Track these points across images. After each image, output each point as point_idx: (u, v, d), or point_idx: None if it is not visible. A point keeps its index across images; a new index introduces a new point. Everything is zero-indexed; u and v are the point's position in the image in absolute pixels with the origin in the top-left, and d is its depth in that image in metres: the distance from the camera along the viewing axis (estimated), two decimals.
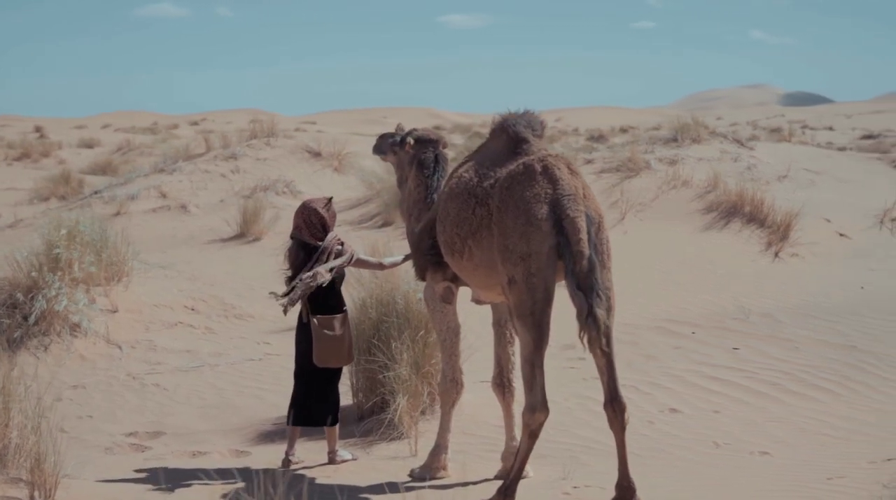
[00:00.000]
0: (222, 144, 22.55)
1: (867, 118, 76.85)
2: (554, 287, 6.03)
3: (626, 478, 6.17)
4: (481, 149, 6.82)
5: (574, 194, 6.02)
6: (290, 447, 7.46)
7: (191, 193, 20.04)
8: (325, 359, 7.27)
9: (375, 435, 8.07)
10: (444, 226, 6.59)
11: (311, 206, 7.51)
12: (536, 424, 6.02)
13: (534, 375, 5.99)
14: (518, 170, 6.18)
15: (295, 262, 7.41)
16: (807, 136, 48.92)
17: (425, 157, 7.57)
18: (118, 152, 42.38)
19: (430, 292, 7.09)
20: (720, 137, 23.01)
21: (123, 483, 6.84)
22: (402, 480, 7.03)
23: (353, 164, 21.54)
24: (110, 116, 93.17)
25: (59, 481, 6.00)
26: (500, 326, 7.12)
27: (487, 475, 7.14)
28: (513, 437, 7.05)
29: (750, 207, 15.85)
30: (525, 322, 5.97)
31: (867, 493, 6.07)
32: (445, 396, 7.08)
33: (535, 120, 6.63)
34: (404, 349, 8.03)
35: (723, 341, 10.95)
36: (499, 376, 7.09)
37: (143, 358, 10.86)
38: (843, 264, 14.76)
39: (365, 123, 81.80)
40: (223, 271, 14.17)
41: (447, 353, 7.08)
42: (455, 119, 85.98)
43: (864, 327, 11.43)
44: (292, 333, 11.79)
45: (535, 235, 5.95)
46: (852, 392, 9.50)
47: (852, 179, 21.63)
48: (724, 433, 8.35)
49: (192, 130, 61.96)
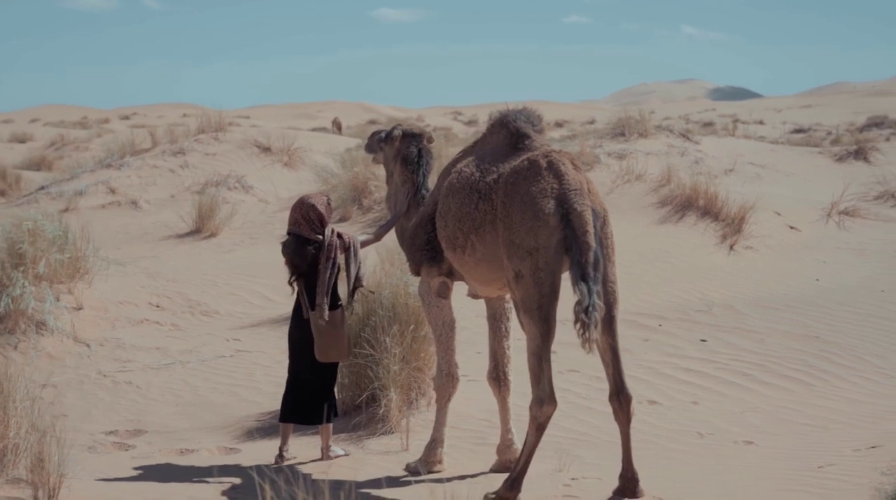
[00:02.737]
0: (169, 138, 22.31)
1: (796, 112, 78.21)
2: (560, 281, 6.09)
3: (630, 469, 6.26)
4: (479, 144, 6.85)
5: (580, 189, 6.09)
6: (284, 443, 7.45)
7: (140, 188, 19.82)
8: (327, 353, 7.26)
9: (365, 430, 8.08)
10: (446, 221, 6.62)
11: (308, 201, 7.49)
12: (545, 417, 6.08)
13: (541, 368, 6.04)
14: (523, 165, 6.23)
15: (300, 259, 7.34)
16: (740, 130, 49.56)
17: (409, 152, 7.59)
18: (52, 147, 41.67)
19: (425, 287, 7.11)
20: (666, 131, 23.31)
21: (124, 483, 6.77)
22: (398, 474, 7.05)
23: (303, 159, 21.44)
24: (38, 110, 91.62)
25: (62, 481, 5.93)
26: (495, 320, 7.16)
27: (481, 468, 7.20)
28: (508, 430, 7.10)
29: (704, 201, 16.07)
30: (532, 316, 6.03)
31: (865, 481, 6.21)
32: (441, 390, 7.11)
33: (534, 115, 6.69)
34: (394, 344, 8.04)
35: (690, 333, 11.12)
36: (494, 370, 7.13)
37: (113, 356, 10.74)
38: (795, 256, 15.04)
39: (299, 117, 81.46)
40: (183, 268, 14.05)
41: (443, 347, 7.11)
42: (389, 113, 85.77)
43: (825, 318, 11.68)
44: (260, 329, 11.90)
45: (542, 229, 6.00)
46: (822, 382, 9.71)
47: (796, 172, 22.05)
48: (705, 424, 8.50)
49: (124, 125, 61.11)
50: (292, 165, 21.21)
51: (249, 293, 12.98)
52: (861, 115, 69.72)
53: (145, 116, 75.21)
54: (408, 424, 7.74)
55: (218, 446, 8.05)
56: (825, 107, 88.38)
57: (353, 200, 17.00)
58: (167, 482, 6.78)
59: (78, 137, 44.24)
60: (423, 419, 8.22)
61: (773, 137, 41.86)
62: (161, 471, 7.16)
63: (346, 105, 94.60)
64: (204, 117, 22.70)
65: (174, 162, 20.91)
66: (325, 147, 23.86)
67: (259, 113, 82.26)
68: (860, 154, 22.90)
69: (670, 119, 61.97)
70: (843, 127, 57.45)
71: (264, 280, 13.40)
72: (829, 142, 39.81)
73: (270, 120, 64.35)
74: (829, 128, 57.51)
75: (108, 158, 21.77)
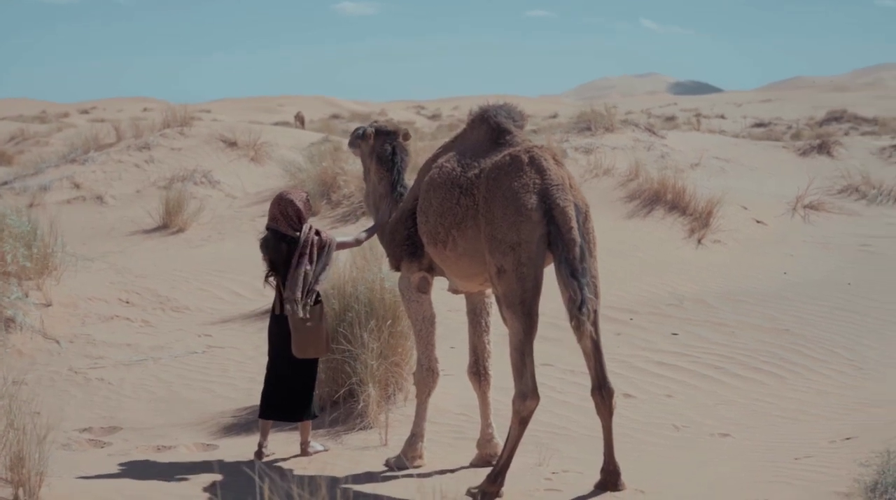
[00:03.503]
0: (134, 133, 22.14)
1: (756, 107, 78.82)
2: (542, 276, 6.12)
3: (612, 462, 6.31)
4: (459, 139, 6.86)
5: (562, 184, 6.12)
6: (263, 438, 7.42)
7: (105, 183, 19.66)
8: (305, 350, 7.23)
9: (343, 425, 8.07)
10: (427, 216, 6.62)
11: (287, 197, 7.46)
12: (527, 411, 6.11)
13: (524, 363, 6.07)
14: (505, 161, 6.25)
15: (275, 255, 7.32)
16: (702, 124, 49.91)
17: (383, 150, 7.60)
18: (12, 142, 41.21)
19: (405, 282, 7.11)
20: (632, 125, 23.46)
21: (104, 480, 6.72)
22: (378, 469, 7.05)
23: (269, 153, 21.35)
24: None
25: (42, 479, 5.88)
26: (475, 315, 7.17)
27: (461, 462, 7.21)
28: (489, 424, 7.12)
29: (672, 195, 16.16)
30: (515, 311, 6.05)
31: (843, 472, 6.29)
32: (422, 385, 7.12)
33: (515, 111, 6.71)
34: (371, 339, 8.04)
35: (661, 327, 11.20)
36: (475, 364, 7.15)
37: (83, 352, 10.66)
38: (762, 250, 15.16)
39: (261, 111, 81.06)
40: (151, 263, 13.97)
41: (423, 342, 7.11)
42: (352, 107, 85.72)
43: (793, 311, 11.79)
44: (232, 325, 11.84)
45: (524, 224, 6.02)
46: (793, 374, 9.81)
47: (760, 166, 22.22)
48: (680, 417, 8.56)
49: (83, 119, 60.55)
50: (258, 159, 21.11)
51: (219, 289, 12.92)
52: (820, 109, 70.41)
53: (105, 110, 74.57)
54: (387, 419, 7.74)
55: (195, 442, 8.01)
56: (784, 101, 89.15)
57: (322, 194, 16.95)
58: (147, 480, 6.74)
59: (38, 131, 43.79)
60: (400, 413, 8.23)
61: (734, 131, 42.25)
62: (140, 468, 7.12)
63: (308, 99, 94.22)
64: (169, 112, 22.52)
65: (139, 157, 20.75)
66: (290, 142, 23.78)
67: (220, 107, 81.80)
68: (823, 148, 23.11)
69: (632, 114, 62.26)
70: (803, 121, 58.03)
71: (234, 276, 13.35)
72: (790, 136, 40.20)
73: (232, 114, 64.05)
74: (790, 122, 58.05)
75: (71, 152, 21.58)
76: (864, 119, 52.65)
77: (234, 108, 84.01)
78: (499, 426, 7.23)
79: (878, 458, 5.87)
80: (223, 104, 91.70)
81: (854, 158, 22.53)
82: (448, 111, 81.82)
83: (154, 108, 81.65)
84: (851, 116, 54.34)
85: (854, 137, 26.48)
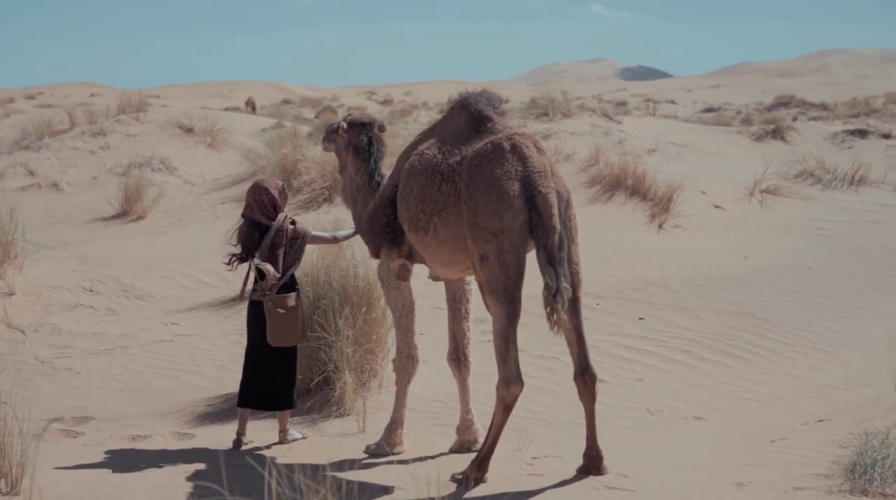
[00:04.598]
0: (88, 119, 21.87)
1: (706, 92, 79.54)
2: (525, 262, 6.16)
3: (595, 447, 6.36)
4: (439, 126, 6.86)
5: (543, 171, 6.15)
6: (241, 427, 7.39)
7: (60, 170, 19.42)
8: (279, 338, 7.20)
9: (319, 413, 8.06)
10: (408, 203, 6.61)
11: (262, 185, 7.42)
12: (511, 397, 6.15)
13: (507, 349, 6.10)
14: (486, 148, 6.27)
15: (247, 242, 7.30)
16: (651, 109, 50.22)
17: (359, 141, 7.62)
18: None
19: (384, 269, 7.11)
20: (589, 111, 23.56)
21: (84, 471, 6.65)
22: (358, 457, 7.05)
23: (227, 140, 21.19)
24: None
25: (24, 471, 5.83)
26: (454, 301, 7.19)
27: (440, 449, 7.22)
28: (468, 411, 7.15)
29: (632, 181, 16.26)
30: (498, 298, 6.08)
31: (821, 454, 6.39)
32: (401, 372, 7.13)
33: (495, 98, 6.72)
34: (346, 326, 8.03)
35: (627, 312, 11.29)
36: (454, 351, 7.17)
37: (49, 342, 10.55)
38: (722, 234, 15.32)
39: (211, 96, 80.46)
40: (113, 251, 13.83)
41: (403, 329, 7.12)
42: (303, 93, 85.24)
43: (756, 295, 11.94)
44: (198, 312, 11.78)
45: (507, 211, 6.05)
46: (759, 358, 9.94)
47: (716, 152, 22.45)
48: (652, 401, 8.65)
49: (30, 105, 59.67)
50: (216, 145, 20.94)
51: (183, 277, 12.83)
52: (768, 95, 71.18)
53: (51, 96, 73.60)
54: (364, 406, 7.74)
55: (171, 431, 7.96)
56: (733, 87, 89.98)
57: (283, 181, 16.84)
58: (128, 471, 6.68)
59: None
60: (375, 401, 8.23)
61: (685, 117, 42.61)
62: (119, 458, 7.06)
63: (258, 85, 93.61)
64: (124, 97, 22.25)
65: (94, 143, 20.51)
66: (247, 128, 23.62)
67: (169, 93, 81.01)
68: (777, 134, 23.37)
69: (583, 99, 62.46)
70: (752, 107, 58.69)
71: (197, 263, 13.26)
72: (740, 121, 40.60)
73: (182, 100, 63.41)
74: (739, 107, 58.69)
75: (24, 139, 21.27)
76: (812, 104, 53.32)
77: (183, 93, 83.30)
78: (477, 412, 7.27)
79: (856, 440, 5.97)
80: (172, 90, 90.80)
81: (808, 143, 22.81)
82: (399, 97, 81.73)
83: (102, 93, 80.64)
84: (799, 102, 55.04)
85: (808, 123, 26.79)
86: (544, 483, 6.22)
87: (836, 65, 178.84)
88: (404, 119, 41.57)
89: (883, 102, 53.91)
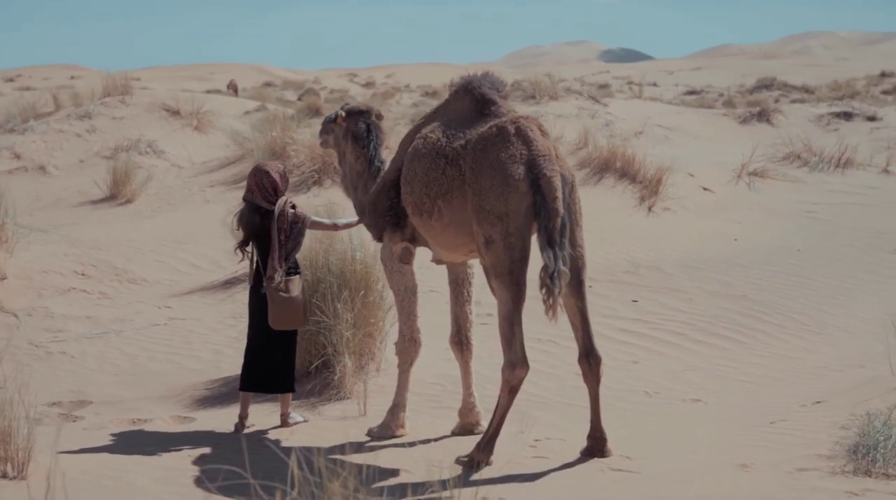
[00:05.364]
0: (74, 102, 21.76)
1: (688, 75, 79.64)
2: (530, 245, 6.18)
3: (599, 429, 6.40)
4: (442, 110, 6.86)
5: (548, 155, 6.17)
6: (244, 411, 7.40)
7: (47, 153, 19.33)
8: (281, 321, 7.20)
9: (318, 397, 8.07)
10: (412, 187, 6.62)
11: (263, 168, 7.41)
12: (517, 380, 6.18)
13: (513, 332, 6.13)
14: (491, 132, 6.28)
15: (250, 226, 7.30)
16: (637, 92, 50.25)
17: (358, 128, 7.63)
18: None
19: (387, 252, 7.12)
20: (576, 94, 23.58)
21: (89, 455, 6.65)
22: (361, 440, 7.08)
23: (213, 122, 21.12)
24: None
25: (31, 456, 5.83)
26: (457, 284, 7.21)
27: (442, 432, 7.25)
28: (471, 393, 7.18)
29: (621, 163, 16.30)
30: (503, 281, 6.10)
31: (822, 435, 6.43)
32: (404, 355, 7.16)
33: (498, 81, 6.74)
34: (345, 310, 8.04)
35: (621, 294, 11.33)
36: (457, 334, 7.19)
37: (43, 326, 10.53)
38: (711, 217, 15.37)
39: (192, 79, 79.91)
40: (104, 235, 13.78)
41: (405, 313, 7.14)
42: (286, 76, 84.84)
43: (748, 277, 12.00)
44: (191, 296, 11.76)
45: (512, 195, 6.07)
46: (753, 340, 10.01)
47: (702, 134, 22.49)
48: (649, 383, 8.70)
49: (9, 87, 59.24)
50: (202, 128, 20.87)
51: (176, 260, 12.80)
52: (749, 77, 71.28)
53: (31, 78, 73.01)
54: (365, 389, 7.76)
55: (171, 415, 7.97)
56: (715, 69, 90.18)
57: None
58: (133, 454, 6.68)
59: None
60: (374, 384, 8.25)
61: (667, 100, 42.65)
62: (122, 442, 7.06)
63: (239, 67, 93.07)
64: (109, 80, 22.13)
65: (80, 126, 20.41)
66: (233, 111, 23.56)
67: (150, 75, 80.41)
68: (763, 116, 23.43)
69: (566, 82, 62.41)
70: (734, 89, 58.74)
71: (189, 247, 13.24)
72: (722, 103, 40.67)
73: (163, 82, 62.97)
74: (721, 90, 58.74)
75: (9, 121, 21.15)
76: (794, 87, 53.42)
77: (164, 76, 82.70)
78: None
79: (858, 421, 6.02)
80: (152, 72, 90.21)
81: (793, 125, 22.88)
82: (382, 79, 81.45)
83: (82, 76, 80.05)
84: (781, 84, 55.10)
85: (793, 105, 26.84)
86: (549, 466, 6.26)
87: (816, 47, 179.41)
88: (387, 101, 41.49)
89: (864, 85, 54.17)
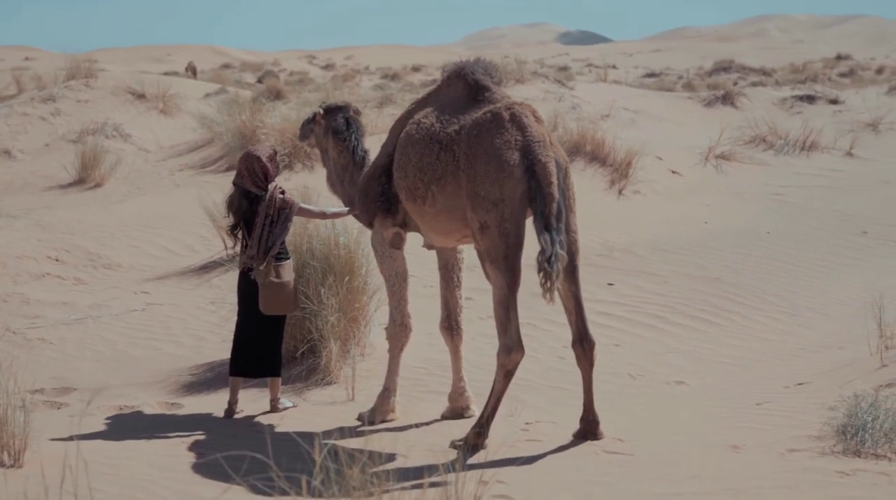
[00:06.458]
0: (37, 85, 21.55)
1: (647, 57, 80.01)
2: (524, 231, 6.22)
3: (592, 411, 6.48)
4: (434, 95, 6.87)
5: (543, 141, 6.21)
6: (233, 396, 7.41)
7: (11, 137, 19.13)
8: (273, 307, 7.22)
9: (305, 382, 8.09)
10: (405, 172, 6.64)
11: (254, 154, 7.40)
12: (513, 364, 6.23)
13: (508, 317, 6.18)
14: (486, 118, 6.31)
15: (239, 211, 7.30)
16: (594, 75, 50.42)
17: (337, 123, 7.70)
18: None
19: (378, 238, 7.15)
20: (542, 77, 23.64)
21: (83, 442, 6.59)
22: (351, 424, 7.11)
23: (179, 106, 20.98)
24: None
25: (27, 443, 5.82)
26: (447, 270, 7.24)
27: (431, 415, 7.30)
28: (461, 378, 7.22)
29: (591, 147, 16.38)
30: (498, 266, 6.15)
31: (810, 416, 6.55)
32: (394, 340, 7.19)
33: (491, 66, 6.76)
34: (330, 295, 8.06)
35: (596, 277, 11.41)
36: (447, 319, 7.24)
37: (19, 312, 10.46)
38: (681, 200, 15.52)
39: (148, 61, 79.35)
40: (76, 220, 13.68)
41: (396, 298, 7.18)
42: (242, 57, 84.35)
43: (720, 260, 12.13)
44: (167, 281, 11.72)
45: (507, 181, 6.11)
46: (730, 322, 10.13)
47: (668, 117, 22.65)
48: (632, 365, 8.79)
49: None
50: (168, 111, 20.74)
51: (149, 245, 12.74)
52: (708, 59, 71.84)
53: None
54: (354, 374, 7.79)
55: (158, 401, 7.96)
56: (673, 51, 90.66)
57: (242, 148, 16.73)
58: (125, 440, 6.69)
59: None
60: (360, 368, 8.27)
61: (627, 82, 42.84)
62: (113, 429, 7.05)
63: (196, 49, 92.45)
64: (72, 62, 21.89)
65: (45, 109, 20.21)
66: (197, 93, 23.41)
67: (106, 56, 79.69)
68: (727, 99, 23.63)
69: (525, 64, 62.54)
70: (693, 71, 59.14)
71: (162, 231, 13.18)
72: (681, 86, 40.95)
73: (119, 64, 62.53)
74: (680, 72, 59.12)
75: None
76: (752, 69, 53.86)
77: (119, 57, 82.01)
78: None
79: (845, 402, 6.14)
80: (107, 54, 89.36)
81: (758, 108, 23.07)
82: (341, 61, 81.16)
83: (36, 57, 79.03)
84: (739, 67, 55.56)
85: (757, 89, 27.09)
86: (543, 449, 6.32)
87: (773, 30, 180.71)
88: (347, 84, 41.31)
89: (821, 67, 54.68)
